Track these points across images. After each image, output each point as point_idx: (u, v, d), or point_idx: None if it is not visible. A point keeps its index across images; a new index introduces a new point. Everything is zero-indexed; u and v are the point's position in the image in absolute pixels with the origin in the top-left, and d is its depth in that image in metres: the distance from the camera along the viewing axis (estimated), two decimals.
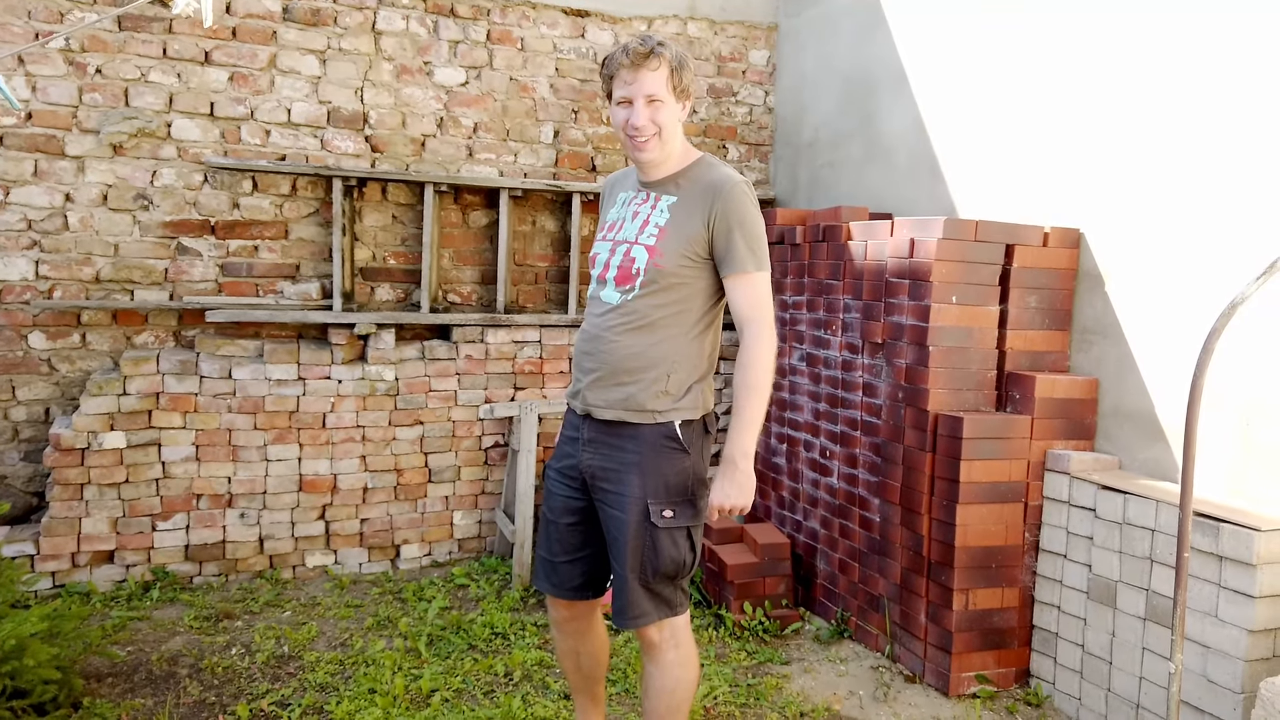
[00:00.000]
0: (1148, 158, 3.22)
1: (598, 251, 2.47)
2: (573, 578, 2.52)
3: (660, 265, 2.30)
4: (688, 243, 2.30)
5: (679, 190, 2.37)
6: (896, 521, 3.53)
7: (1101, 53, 3.39)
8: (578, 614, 2.59)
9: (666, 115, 2.32)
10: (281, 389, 4.36)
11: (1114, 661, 3.08)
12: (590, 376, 2.40)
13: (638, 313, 2.33)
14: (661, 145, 2.35)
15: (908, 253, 3.43)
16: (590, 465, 2.41)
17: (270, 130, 4.49)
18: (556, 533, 2.52)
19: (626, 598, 2.36)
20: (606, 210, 2.57)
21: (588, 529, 2.49)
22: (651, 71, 2.29)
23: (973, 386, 3.41)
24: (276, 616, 4.02)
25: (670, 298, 2.33)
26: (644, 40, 2.31)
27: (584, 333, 2.47)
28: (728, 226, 2.28)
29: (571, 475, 2.48)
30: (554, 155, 5.02)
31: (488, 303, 4.95)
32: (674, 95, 2.33)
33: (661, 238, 2.32)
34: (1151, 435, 3.20)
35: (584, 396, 2.42)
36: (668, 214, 2.34)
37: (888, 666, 3.63)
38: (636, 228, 2.38)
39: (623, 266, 2.36)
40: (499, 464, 4.80)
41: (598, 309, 2.42)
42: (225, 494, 4.33)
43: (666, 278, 2.31)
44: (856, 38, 4.74)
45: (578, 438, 2.46)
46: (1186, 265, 3.08)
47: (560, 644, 2.67)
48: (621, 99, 2.34)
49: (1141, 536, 2.97)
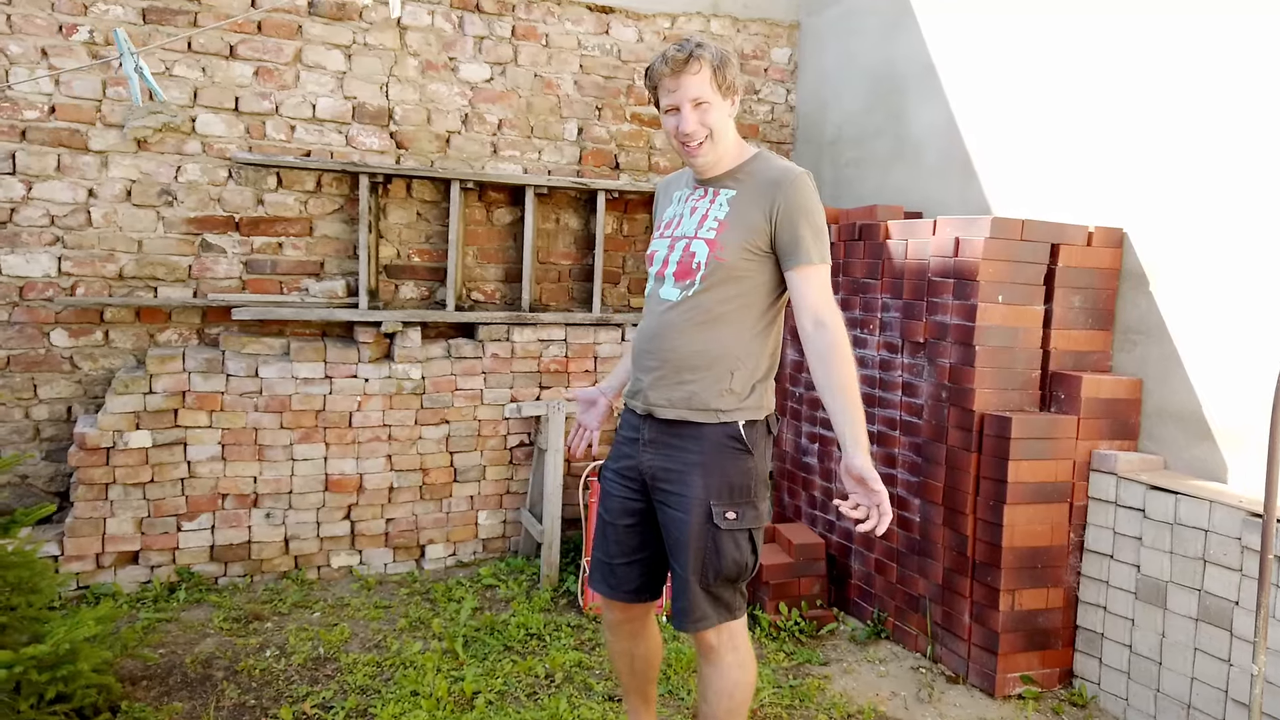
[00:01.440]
0: (1192, 156, 3.22)
1: (655, 249, 2.44)
2: (630, 580, 2.49)
3: (721, 258, 2.26)
4: (749, 235, 2.26)
5: (738, 184, 2.33)
6: (939, 521, 3.52)
7: (1142, 49, 3.39)
8: (633, 616, 2.56)
9: (715, 116, 2.28)
10: (308, 388, 4.31)
11: (1164, 662, 3.07)
12: (651, 375, 2.36)
13: (700, 308, 2.29)
14: (714, 146, 2.31)
15: (952, 252, 3.41)
16: (651, 466, 2.37)
17: (295, 126, 4.44)
18: (614, 534, 2.48)
19: (687, 600, 2.32)
20: (663, 210, 2.54)
21: (646, 530, 2.46)
22: (693, 75, 2.25)
23: (1018, 386, 3.40)
24: (306, 618, 3.97)
25: (732, 291, 2.29)
26: (681, 45, 2.27)
27: (643, 330, 2.43)
28: (791, 218, 2.24)
29: (630, 476, 2.44)
30: (578, 153, 4.99)
31: (511, 301, 4.91)
32: (720, 94, 2.29)
33: (722, 231, 2.28)
34: (1198, 435, 3.20)
35: (645, 396, 2.38)
36: (727, 207, 2.31)
37: (928, 667, 3.62)
38: (695, 222, 2.35)
39: (682, 262, 2.32)
40: (524, 463, 4.77)
41: (658, 306, 2.38)
42: (251, 494, 4.27)
43: (728, 271, 2.27)
44: (882, 35, 4.72)
45: (637, 438, 2.42)
46: (1234, 265, 3.08)
47: (614, 645, 2.64)
48: (668, 106, 2.31)
49: (1194, 537, 2.96)
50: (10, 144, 4.01)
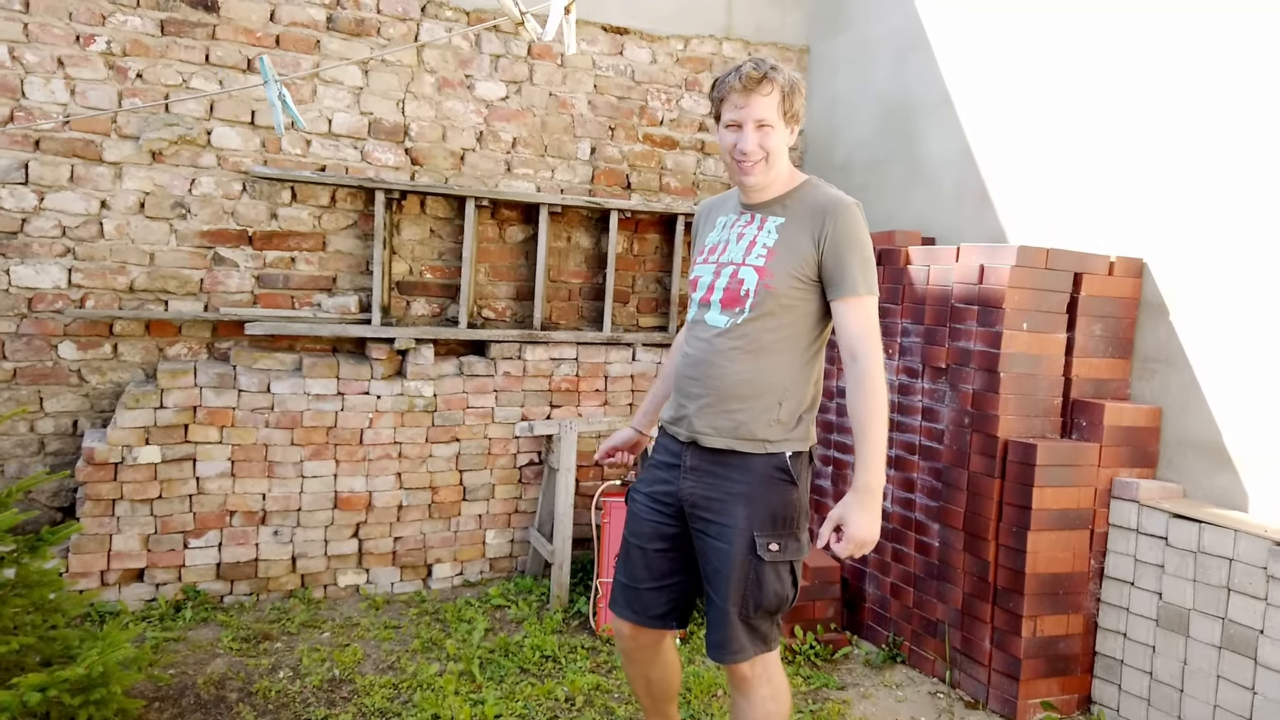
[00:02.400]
0: (1210, 187, 3.27)
1: (699, 275, 2.43)
2: (657, 605, 2.47)
3: (771, 287, 2.26)
4: (798, 263, 2.26)
5: (786, 211, 2.33)
6: (959, 547, 3.54)
7: (1158, 80, 3.45)
8: (650, 641, 2.52)
9: (776, 140, 2.29)
10: (320, 404, 4.27)
11: (1185, 689, 3.10)
12: (697, 403, 2.35)
13: (748, 336, 2.29)
14: (768, 170, 2.32)
15: (977, 279, 3.45)
16: (692, 494, 2.35)
17: (311, 140, 4.41)
18: (644, 559, 2.46)
19: (726, 632, 2.31)
20: (705, 234, 2.53)
21: (678, 556, 2.44)
22: (764, 96, 2.25)
23: (1040, 413, 3.43)
24: (316, 638, 3.92)
25: (780, 321, 2.29)
26: (758, 64, 2.27)
27: (687, 356, 2.41)
28: (839, 247, 2.24)
29: (665, 501, 2.42)
30: (590, 172, 4.99)
31: (522, 319, 4.90)
32: (784, 120, 2.30)
33: (770, 259, 2.28)
34: (1219, 464, 3.24)
35: (690, 423, 2.36)
36: (776, 235, 2.30)
37: (946, 692, 3.63)
38: (743, 249, 2.34)
39: (729, 289, 2.32)
40: (533, 482, 4.74)
41: (703, 332, 2.37)
42: (259, 511, 4.22)
43: (776, 300, 2.27)
44: (895, 62, 4.78)
45: (677, 465, 2.40)
46: (1253, 295, 3.13)
47: (630, 670, 2.61)
48: (731, 122, 2.31)
49: (1218, 565, 3.00)
50: (24, 153, 3.96)
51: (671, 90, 5.13)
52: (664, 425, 2.49)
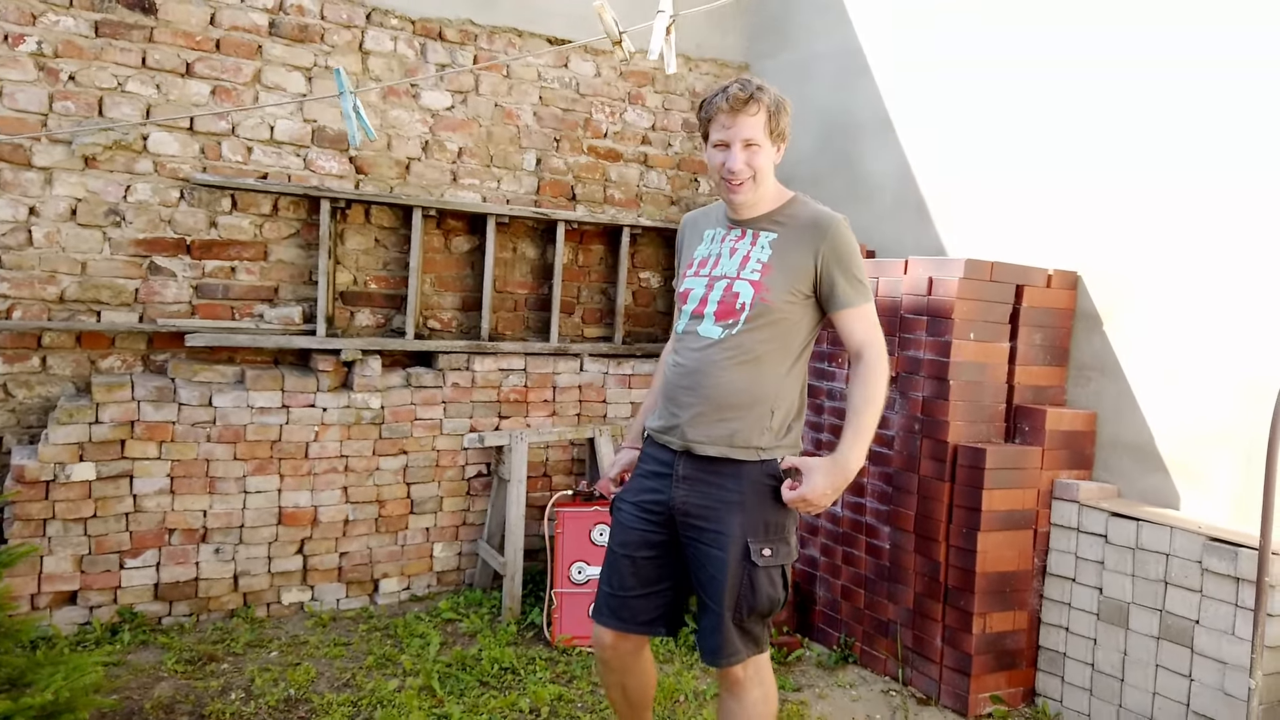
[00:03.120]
0: (1141, 205, 3.49)
1: (690, 287, 2.48)
2: (646, 612, 2.49)
3: (767, 300, 2.32)
4: (793, 279, 2.33)
5: (779, 227, 2.39)
6: (910, 549, 3.66)
7: (1090, 101, 3.66)
8: (628, 650, 2.54)
9: (763, 159, 2.35)
10: (265, 417, 4.16)
11: (1126, 679, 3.27)
12: (690, 412, 2.38)
13: (742, 347, 2.34)
14: (755, 188, 2.38)
15: (926, 290, 3.59)
16: (685, 502, 2.39)
17: (253, 147, 4.31)
18: (632, 567, 2.48)
19: (720, 637, 2.35)
20: (691, 247, 2.57)
21: (666, 563, 2.47)
22: (750, 116, 2.31)
23: (986, 419, 3.58)
24: (263, 657, 3.81)
25: (774, 332, 2.35)
26: (744, 85, 2.34)
27: (679, 366, 2.44)
28: (835, 264, 2.32)
29: (653, 510, 2.46)
30: (535, 183, 5.00)
31: (468, 330, 4.87)
32: (770, 139, 2.36)
33: (766, 274, 2.34)
34: (1151, 466, 3.44)
35: (683, 432, 2.39)
36: (770, 250, 2.37)
37: (899, 690, 3.74)
38: (736, 264, 2.40)
39: (724, 301, 2.37)
40: (481, 494, 4.71)
41: (695, 343, 2.41)
42: (199, 528, 4.09)
43: (772, 313, 2.33)
44: (836, 81, 4.93)
45: (668, 474, 2.43)
46: (1181, 308, 3.35)
47: (606, 678, 2.63)
48: (718, 142, 2.37)
49: (1155, 560, 3.18)
50: None
51: (615, 103, 5.19)
52: (653, 434, 2.51)
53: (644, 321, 5.37)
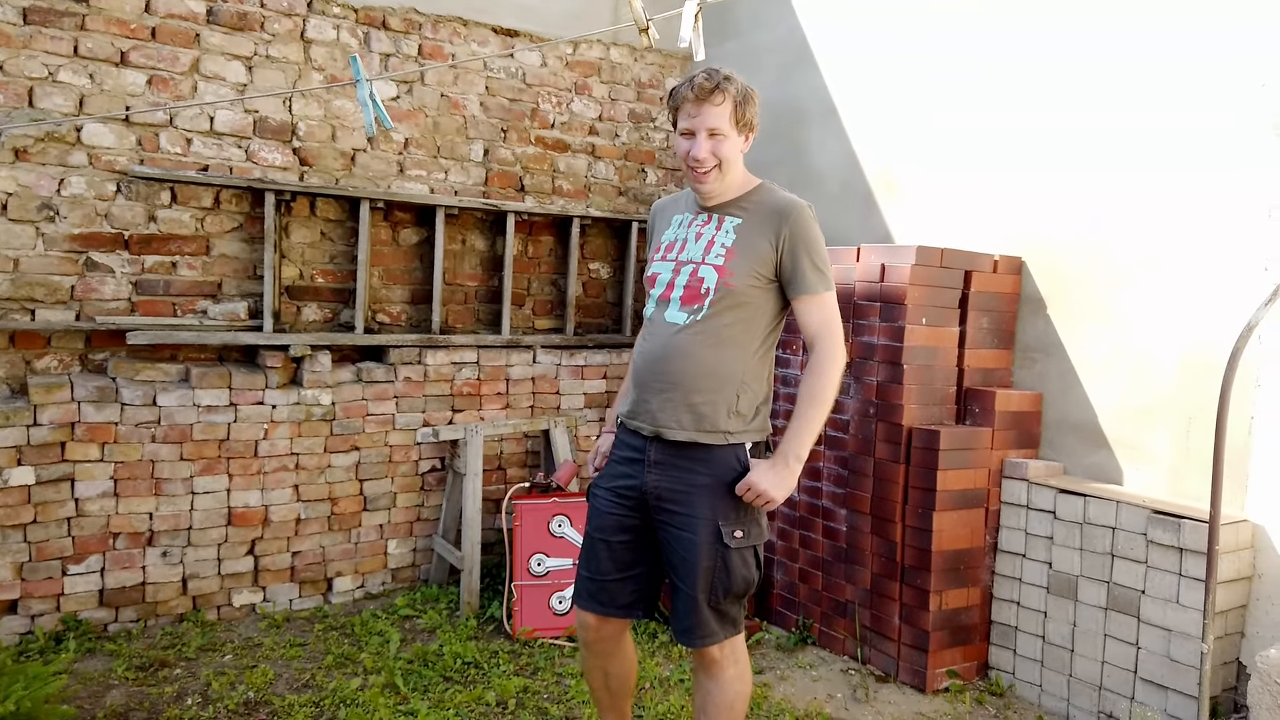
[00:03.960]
0: (1080, 192, 3.61)
1: (657, 271, 2.50)
2: (623, 596, 2.53)
3: (731, 285, 2.35)
4: (756, 263, 2.36)
5: (744, 212, 2.42)
6: (867, 530, 3.74)
7: (1032, 90, 3.77)
8: (611, 634, 2.58)
9: (728, 148, 2.38)
10: (212, 416, 4.06)
11: (1076, 649, 3.40)
12: (659, 397, 2.41)
13: (707, 331, 2.37)
14: (721, 177, 2.41)
15: (878, 277, 3.66)
16: (657, 487, 2.42)
17: (192, 139, 4.19)
18: (608, 551, 2.51)
19: (695, 618, 2.39)
20: (660, 233, 2.60)
21: (640, 547, 2.51)
22: (715, 106, 2.35)
23: (938, 402, 3.67)
24: (218, 661, 3.73)
25: (738, 316, 2.38)
26: (710, 75, 2.37)
27: (647, 352, 2.47)
28: (796, 249, 2.36)
29: (627, 495, 2.48)
30: (483, 174, 4.96)
31: (417, 323, 4.81)
32: (736, 129, 2.39)
33: (730, 258, 2.37)
34: (1095, 443, 3.57)
35: (654, 417, 2.42)
36: (734, 235, 2.39)
37: (858, 669, 3.82)
38: (701, 248, 2.42)
39: (690, 286, 2.40)
40: (435, 489, 4.67)
41: (662, 329, 2.44)
42: (146, 531, 3.98)
43: (735, 296, 2.36)
44: (781, 72, 4.98)
45: (640, 459, 2.46)
46: (1119, 292, 3.48)
47: (589, 663, 2.66)
48: (685, 130, 2.40)
49: (1102, 534, 3.30)
50: None
51: (562, 93, 5.16)
52: (624, 420, 2.54)
53: (595, 313, 5.37)
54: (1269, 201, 3.06)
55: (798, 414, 2.34)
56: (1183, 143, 3.31)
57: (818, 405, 2.34)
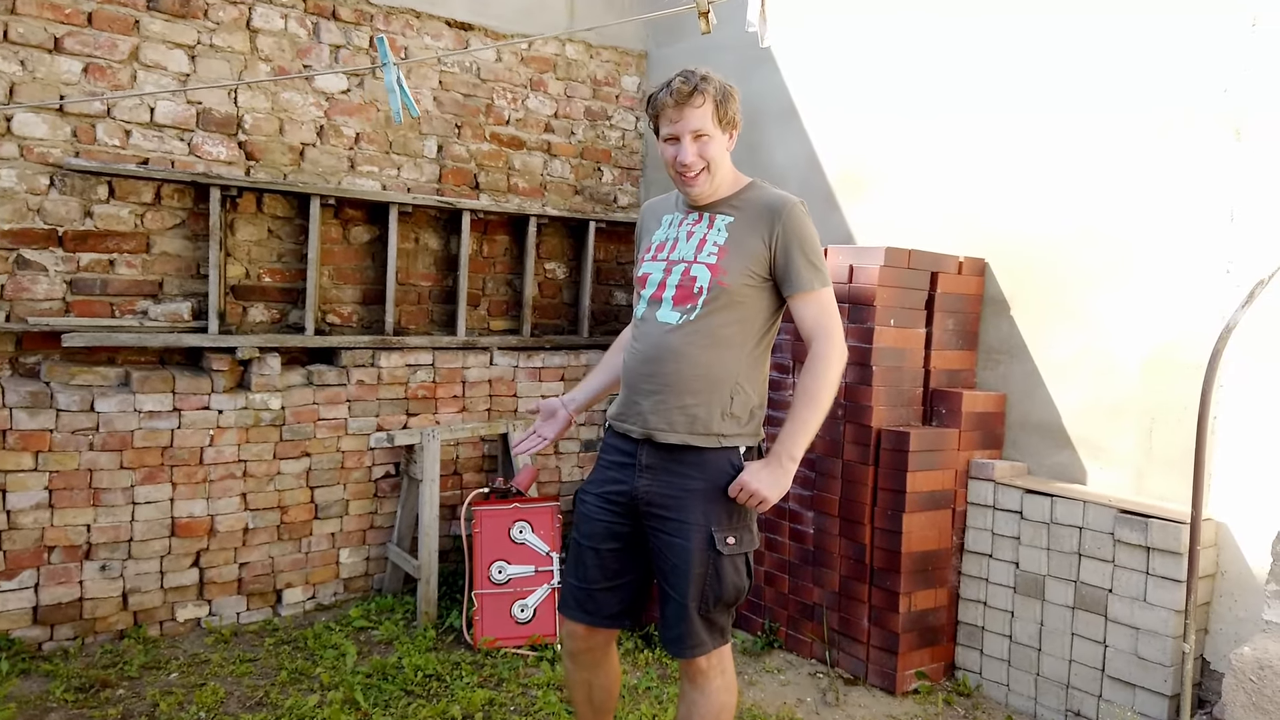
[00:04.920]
0: (1043, 195, 3.64)
1: (649, 271, 2.43)
2: (611, 605, 2.47)
3: (724, 283, 2.29)
4: (749, 261, 2.31)
5: (735, 211, 2.37)
6: (835, 532, 3.72)
7: (993, 92, 3.79)
8: (597, 644, 2.52)
9: (714, 149, 2.33)
10: (154, 422, 3.87)
11: (1043, 648, 3.42)
12: (651, 399, 2.35)
13: (701, 331, 2.31)
14: (710, 178, 2.35)
15: (846, 278, 3.64)
16: (648, 491, 2.35)
17: (131, 130, 3.99)
18: (596, 559, 2.44)
19: (684, 627, 2.32)
20: (650, 233, 2.53)
21: (630, 555, 2.44)
22: (696, 109, 2.29)
23: (905, 403, 3.67)
24: (163, 680, 3.55)
25: (732, 316, 2.32)
26: (687, 77, 2.31)
27: (639, 353, 2.40)
28: (790, 246, 2.30)
29: (617, 501, 2.42)
30: (437, 171, 4.83)
31: (369, 324, 4.66)
32: (720, 128, 2.34)
33: (723, 256, 2.31)
34: (1059, 443, 3.60)
35: (645, 419, 2.35)
36: (726, 233, 2.34)
37: (826, 672, 3.80)
38: (693, 247, 2.36)
39: (682, 285, 2.34)
40: (389, 495, 4.53)
41: (654, 328, 2.37)
42: (83, 544, 3.77)
43: (729, 296, 2.30)
44: (739, 71, 4.93)
45: (631, 464, 2.39)
46: (1082, 291, 3.51)
47: (573, 675, 2.59)
48: (668, 136, 2.34)
49: (1069, 534, 3.33)
50: None
51: (517, 90, 5.06)
52: (614, 423, 2.47)
53: (551, 314, 5.27)
54: (1231, 204, 3.11)
55: (793, 413, 2.29)
56: (1146, 146, 3.35)
57: (815, 404, 2.28)
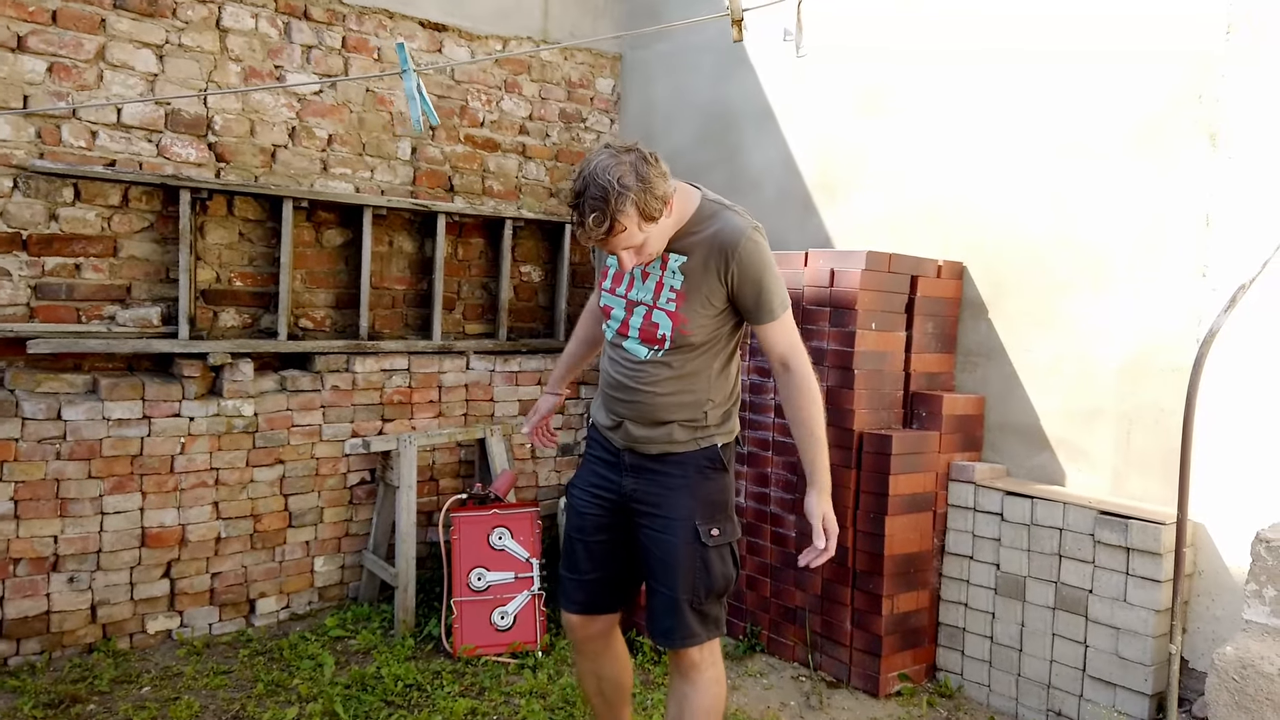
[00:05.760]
0: (1020, 199, 3.67)
1: (610, 306, 2.45)
2: (603, 593, 2.56)
3: (687, 332, 2.31)
4: (708, 301, 2.30)
5: (688, 249, 2.30)
6: None
7: (970, 98, 3.82)
8: (599, 632, 2.59)
9: (653, 241, 2.22)
10: (124, 429, 3.78)
11: (1024, 649, 3.45)
12: (631, 421, 2.44)
13: (671, 366, 2.36)
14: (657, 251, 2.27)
15: (828, 282, 3.64)
16: (634, 490, 2.44)
17: (98, 132, 3.89)
18: (586, 551, 2.53)
19: (675, 619, 2.38)
20: (604, 255, 2.49)
21: (616, 545, 2.51)
22: (620, 234, 2.15)
23: (886, 406, 3.68)
24: (135, 694, 3.47)
25: (699, 350, 2.36)
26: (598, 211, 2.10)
27: (613, 379, 2.46)
28: (748, 283, 2.27)
29: (604, 496, 2.51)
30: (411, 173, 4.77)
31: (343, 328, 4.58)
32: (648, 224, 2.17)
33: (681, 303, 2.30)
34: (1037, 445, 3.64)
35: (627, 432, 2.43)
36: (681, 276, 2.30)
37: (808, 675, 3.81)
38: (651, 290, 2.35)
39: (645, 329, 2.37)
40: (365, 503, 4.46)
41: (626, 357, 2.42)
42: (50, 556, 3.67)
43: (692, 339, 2.33)
44: (716, 74, 4.94)
45: (616, 462, 2.47)
46: (1060, 295, 3.55)
47: (581, 666, 2.67)
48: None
49: (1050, 535, 3.36)
50: None
51: (492, 91, 5.01)
52: (600, 428, 2.53)
53: (527, 317, 5.23)
54: (1207, 209, 3.16)
55: (811, 443, 2.35)
56: (1122, 152, 3.39)
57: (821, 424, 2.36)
